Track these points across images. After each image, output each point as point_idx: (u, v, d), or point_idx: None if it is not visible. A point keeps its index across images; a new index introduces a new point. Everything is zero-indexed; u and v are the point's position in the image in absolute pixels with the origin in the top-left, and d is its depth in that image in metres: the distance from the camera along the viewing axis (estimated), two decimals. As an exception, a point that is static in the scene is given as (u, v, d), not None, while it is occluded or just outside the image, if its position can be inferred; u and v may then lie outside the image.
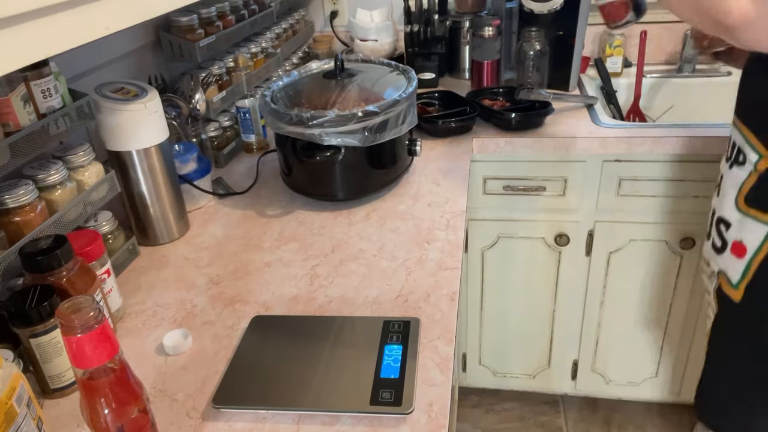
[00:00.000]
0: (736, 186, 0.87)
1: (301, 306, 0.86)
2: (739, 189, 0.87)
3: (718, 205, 0.93)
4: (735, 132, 0.90)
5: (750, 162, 0.85)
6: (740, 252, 0.86)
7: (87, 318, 0.47)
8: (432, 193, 1.15)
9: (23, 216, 0.77)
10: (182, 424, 0.68)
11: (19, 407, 0.53)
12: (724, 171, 0.93)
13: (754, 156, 0.84)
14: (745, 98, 0.89)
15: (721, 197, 0.92)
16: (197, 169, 1.14)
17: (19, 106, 0.77)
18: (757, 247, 0.84)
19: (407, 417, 0.66)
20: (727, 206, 0.89)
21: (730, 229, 0.88)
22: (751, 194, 0.85)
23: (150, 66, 1.27)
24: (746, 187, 0.85)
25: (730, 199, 0.88)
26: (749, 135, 0.85)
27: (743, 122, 0.87)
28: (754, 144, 0.84)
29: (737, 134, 0.89)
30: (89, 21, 0.56)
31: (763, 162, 0.83)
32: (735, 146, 0.89)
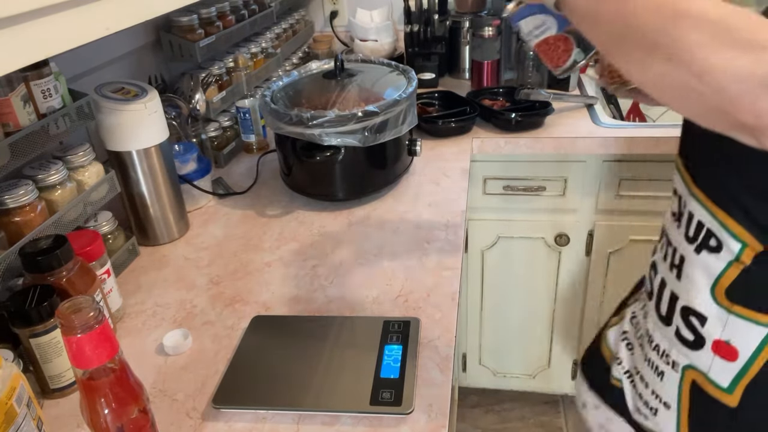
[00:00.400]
0: (709, 276, 0.71)
1: (301, 306, 0.86)
2: (716, 281, 0.70)
3: (679, 289, 0.75)
4: (699, 209, 0.71)
5: (730, 251, 0.68)
6: (730, 355, 0.71)
7: (87, 318, 0.47)
8: (432, 193, 1.15)
9: (23, 216, 0.77)
10: (182, 424, 0.68)
11: (19, 407, 0.53)
12: (682, 248, 0.75)
13: (735, 245, 0.67)
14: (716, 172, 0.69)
15: (684, 281, 0.74)
16: (197, 169, 1.14)
17: (19, 106, 0.77)
18: (753, 351, 0.69)
19: (407, 417, 0.66)
20: (698, 297, 0.72)
21: (707, 324, 0.72)
22: (736, 290, 0.69)
23: (150, 66, 1.27)
24: (727, 281, 0.69)
25: (701, 290, 0.72)
26: (728, 221, 0.68)
27: (717, 204, 0.69)
28: (736, 232, 0.67)
29: (705, 214, 0.70)
30: (89, 21, 0.56)
31: (749, 251, 0.67)
32: (702, 227, 0.71)
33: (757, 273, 0.67)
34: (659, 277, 0.81)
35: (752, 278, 0.68)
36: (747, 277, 0.68)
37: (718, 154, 0.70)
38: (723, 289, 0.70)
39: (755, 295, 0.68)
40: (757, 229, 0.66)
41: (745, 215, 0.66)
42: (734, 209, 0.67)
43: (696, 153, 0.75)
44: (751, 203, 0.66)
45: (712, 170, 0.70)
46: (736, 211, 0.67)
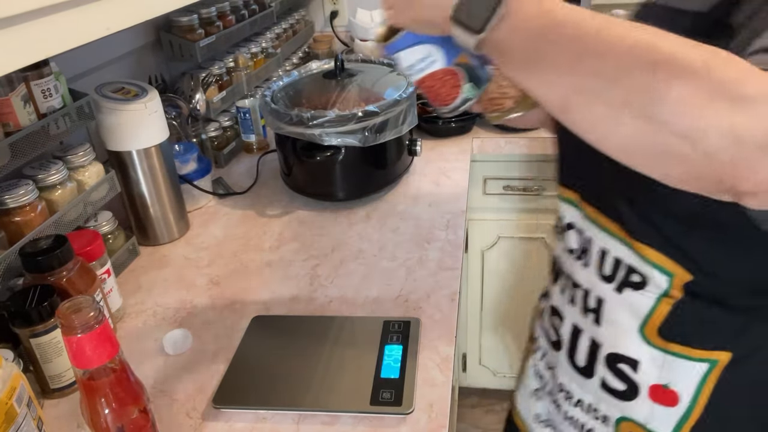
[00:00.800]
0: (637, 316, 0.63)
1: (301, 306, 0.86)
2: (646, 320, 0.63)
3: (601, 335, 0.67)
4: (614, 244, 0.63)
5: (657, 286, 0.61)
6: (670, 400, 0.64)
7: (87, 318, 0.47)
8: (432, 193, 1.15)
9: (23, 216, 0.77)
10: (182, 424, 0.68)
11: (19, 407, 0.53)
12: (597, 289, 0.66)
13: (662, 278, 0.60)
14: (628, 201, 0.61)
15: (606, 325, 0.66)
16: (197, 169, 1.14)
17: (19, 106, 0.77)
18: (694, 392, 0.62)
19: (407, 417, 0.66)
20: (626, 340, 0.65)
21: (641, 369, 0.64)
22: (670, 326, 0.62)
23: (150, 66, 1.27)
24: (658, 318, 0.62)
25: (629, 332, 0.64)
26: (650, 253, 0.60)
27: (635, 236, 0.61)
28: (661, 264, 0.59)
29: (622, 249, 0.62)
30: (89, 21, 0.56)
31: (678, 282, 0.59)
32: (620, 263, 0.63)
33: (691, 305, 0.60)
34: (569, 324, 0.71)
35: (686, 311, 0.61)
36: (680, 311, 0.61)
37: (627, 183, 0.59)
38: (655, 327, 0.63)
39: (692, 329, 0.61)
40: (684, 258, 0.58)
41: (669, 244, 0.59)
42: (656, 240, 0.59)
43: (596, 184, 0.65)
44: (676, 231, 0.58)
45: (623, 200, 0.61)
46: (658, 241, 0.59)
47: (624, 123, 0.42)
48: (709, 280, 0.58)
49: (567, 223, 0.71)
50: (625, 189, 0.61)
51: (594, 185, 0.66)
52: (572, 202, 0.70)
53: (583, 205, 0.68)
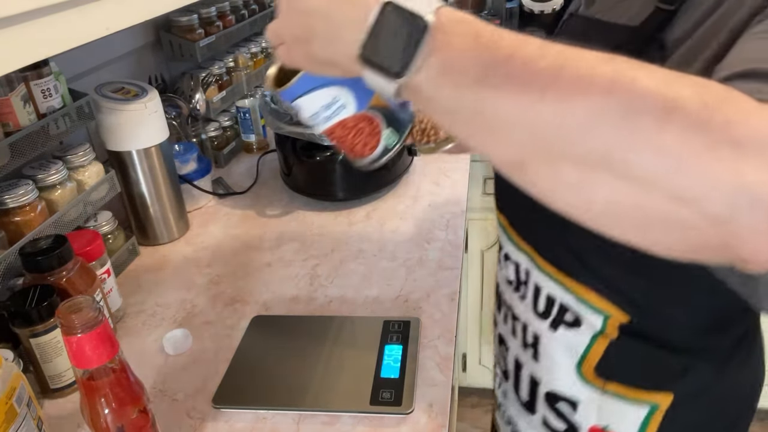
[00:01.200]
0: (573, 354, 0.60)
1: (301, 306, 0.86)
2: (582, 358, 0.59)
3: (539, 371, 0.64)
4: (548, 283, 0.60)
5: (591, 326, 0.57)
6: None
7: (87, 318, 0.47)
8: (432, 193, 1.15)
9: (23, 216, 0.77)
10: (182, 424, 0.68)
11: (19, 407, 0.53)
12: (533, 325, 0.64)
13: (597, 318, 0.56)
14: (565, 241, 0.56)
15: (543, 362, 0.63)
16: (197, 169, 1.14)
17: (19, 106, 0.77)
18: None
19: (407, 417, 0.66)
20: (563, 379, 0.61)
21: (579, 410, 0.61)
22: (607, 365, 0.58)
23: (150, 66, 1.27)
24: (594, 357, 0.58)
25: (566, 371, 0.61)
26: (587, 294, 0.56)
27: (572, 277, 0.57)
28: (596, 305, 0.56)
29: (556, 288, 0.59)
30: (89, 21, 0.56)
31: (614, 323, 0.56)
32: (554, 302, 0.60)
33: (628, 344, 0.57)
34: (512, 356, 0.69)
35: (623, 351, 0.57)
36: (617, 350, 0.57)
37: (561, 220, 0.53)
38: (591, 366, 0.59)
39: (630, 368, 0.58)
40: (621, 299, 0.55)
41: (605, 285, 0.55)
42: (590, 280, 0.55)
43: (527, 215, 0.60)
44: (613, 273, 0.53)
45: (560, 239, 0.56)
46: (596, 283, 0.55)
47: (600, 185, 0.32)
48: (647, 320, 0.55)
49: (504, 252, 0.67)
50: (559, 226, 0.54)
51: (525, 216, 0.62)
52: (508, 234, 0.66)
53: (517, 240, 0.64)
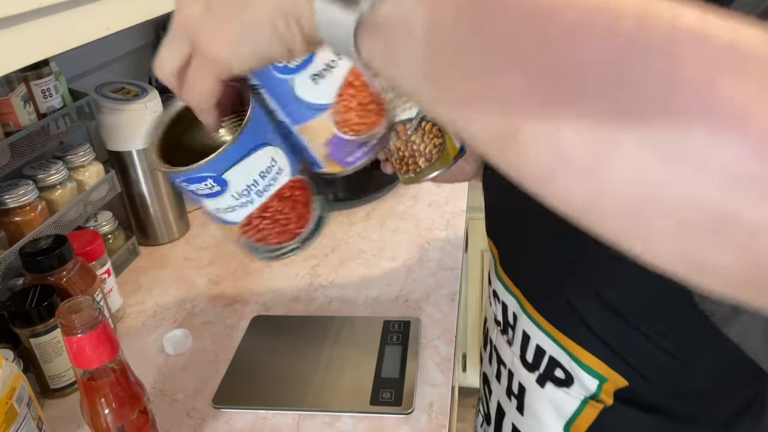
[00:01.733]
0: (561, 415, 0.55)
1: (301, 306, 0.86)
2: (570, 421, 0.54)
3: (523, 425, 0.59)
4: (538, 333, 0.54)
5: (583, 387, 0.52)
6: None
7: (87, 318, 0.47)
8: (432, 193, 1.15)
9: (23, 216, 0.77)
10: (182, 424, 0.68)
11: (19, 407, 0.53)
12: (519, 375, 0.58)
13: (591, 381, 0.51)
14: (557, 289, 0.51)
15: (528, 417, 0.58)
16: (197, 169, 1.13)
17: (19, 106, 0.77)
18: None
19: (408, 417, 0.66)
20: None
21: None
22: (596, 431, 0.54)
23: (150, 66, 1.27)
24: (583, 423, 0.54)
25: (552, 429, 0.56)
26: (580, 353, 0.51)
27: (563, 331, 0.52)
28: (591, 365, 0.51)
29: (546, 340, 0.53)
30: (89, 21, 0.56)
31: (609, 387, 0.51)
32: (544, 354, 0.54)
33: (623, 413, 0.52)
34: (495, 401, 0.63)
35: (617, 419, 0.52)
36: (610, 419, 0.52)
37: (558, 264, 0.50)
38: (579, 431, 0.54)
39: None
40: (622, 363, 0.49)
41: (606, 348, 0.49)
42: (591, 341, 0.49)
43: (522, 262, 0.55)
44: (617, 335, 0.48)
45: (554, 289, 0.50)
46: (593, 343, 0.49)
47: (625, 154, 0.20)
48: (647, 387, 0.50)
49: (493, 290, 0.62)
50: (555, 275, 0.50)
51: (516, 256, 0.57)
52: (497, 272, 0.60)
53: (506, 280, 0.57)
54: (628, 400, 0.51)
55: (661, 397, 0.51)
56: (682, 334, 0.46)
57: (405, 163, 0.60)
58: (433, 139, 0.58)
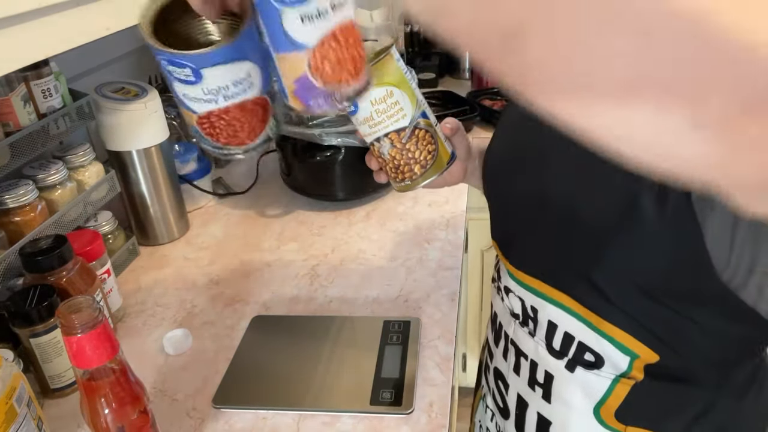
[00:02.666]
0: (591, 397, 0.56)
1: (301, 306, 0.86)
2: (601, 402, 0.56)
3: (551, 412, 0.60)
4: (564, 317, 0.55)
5: (615, 366, 0.54)
6: None
7: (87, 318, 0.47)
8: (432, 193, 1.15)
9: (23, 216, 0.77)
10: (182, 424, 0.68)
11: (19, 407, 0.53)
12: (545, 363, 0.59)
13: (623, 359, 0.53)
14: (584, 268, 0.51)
15: (556, 403, 0.59)
16: (197, 169, 1.14)
17: (19, 106, 0.77)
18: None
19: (408, 417, 0.66)
20: (579, 421, 0.58)
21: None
22: (629, 410, 0.55)
23: (150, 66, 1.27)
24: (615, 401, 0.55)
25: (583, 413, 0.57)
26: (612, 330, 0.52)
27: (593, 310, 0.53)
28: (624, 343, 0.52)
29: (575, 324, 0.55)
30: (89, 21, 0.56)
31: (640, 364, 0.53)
32: (573, 340, 0.56)
33: (652, 387, 0.54)
34: (514, 394, 0.64)
35: (647, 394, 0.54)
36: (640, 394, 0.54)
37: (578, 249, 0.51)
38: (611, 411, 0.56)
39: (654, 412, 0.55)
40: (652, 337, 0.51)
41: (632, 320, 0.51)
42: (620, 318, 0.51)
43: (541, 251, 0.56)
44: (638, 306, 0.50)
45: (579, 271, 0.52)
46: (622, 319, 0.51)
47: None
48: (675, 358, 0.52)
49: (504, 286, 0.63)
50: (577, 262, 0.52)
51: (534, 251, 0.58)
52: (505, 265, 0.62)
53: (514, 271, 0.59)
54: (657, 375, 0.53)
55: (688, 368, 0.53)
56: (706, 305, 0.48)
57: (400, 171, 0.62)
58: (426, 146, 0.61)
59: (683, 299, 0.48)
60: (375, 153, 0.63)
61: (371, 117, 0.59)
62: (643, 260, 0.48)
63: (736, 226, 0.43)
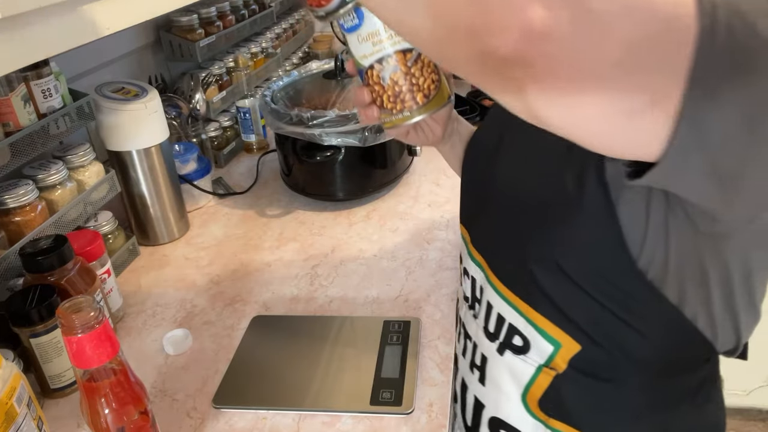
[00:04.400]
0: (518, 382, 0.56)
1: (301, 306, 0.86)
2: (526, 388, 0.56)
3: (485, 395, 0.61)
4: (498, 300, 0.56)
5: (540, 353, 0.53)
6: None
7: (87, 318, 0.47)
8: (432, 193, 1.15)
9: (23, 216, 0.77)
10: (182, 424, 0.68)
11: (19, 407, 0.53)
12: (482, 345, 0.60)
13: (547, 347, 0.52)
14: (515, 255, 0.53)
15: (489, 386, 0.60)
16: (197, 169, 1.14)
17: (19, 106, 0.77)
18: None
19: (408, 417, 0.66)
20: (507, 406, 0.58)
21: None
22: (550, 401, 0.55)
23: (150, 66, 1.27)
24: (537, 390, 0.55)
25: (511, 398, 0.57)
26: (535, 315, 0.52)
27: (520, 296, 0.53)
28: (547, 331, 0.52)
29: (506, 307, 0.55)
30: (89, 21, 0.56)
31: (564, 354, 0.52)
32: (504, 322, 0.56)
33: (574, 382, 0.53)
34: (460, 377, 0.66)
35: (568, 388, 0.53)
36: (561, 387, 0.53)
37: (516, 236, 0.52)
38: (535, 399, 0.55)
39: (573, 409, 0.54)
40: (575, 327, 0.51)
41: (558, 311, 0.51)
42: (547, 306, 0.51)
43: (486, 231, 0.58)
44: (570, 299, 0.50)
45: (515, 257, 0.53)
46: (549, 308, 0.51)
47: None
48: (601, 355, 0.51)
49: (464, 267, 0.64)
50: (514, 243, 0.53)
51: (484, 229, 0.59)
52: (467, 245, 0.63)
53: (473, 251, 0.60)
54: (581, 369, 0.52)
55: (612, 369, 0.52)
56: (627, 297, 0.47)
57: (400, 100, 0.55)
58: (431, 74, 0.55)
59: (604, 287, 0.48)
60: (372, 79, 0.55)
61: (377, 32, 0.53)
62: (565, 241, 0.48)
63: (649, 206, 0.42)
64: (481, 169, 0.61)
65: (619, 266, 0.46)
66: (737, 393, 1.74)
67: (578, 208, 0.46)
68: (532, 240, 0.51)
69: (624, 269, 0.46)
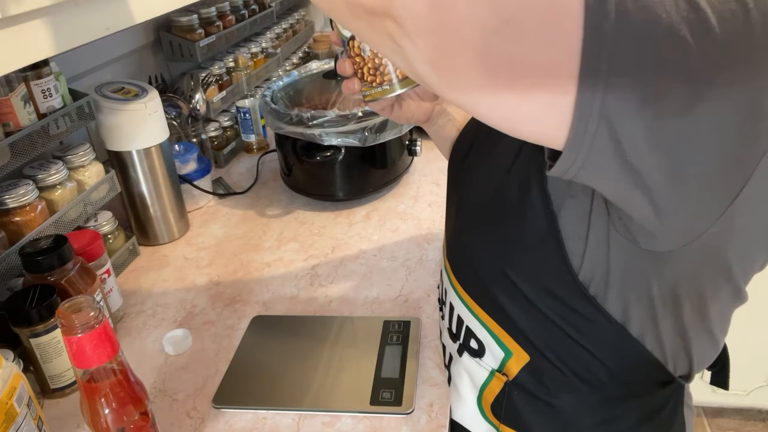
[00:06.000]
0: (474, 385, 0.57)
1: (301, 306, 0.86)
2: (481, 391, 0.56)
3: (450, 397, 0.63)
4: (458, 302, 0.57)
5: (493, 358, 0.54)
6: None
7: (87, 318, 0.47)
8: (432, 193, 1.15)
9: (23, 216, 0.77)
10: (182, 424, 0.68)
11: (19, 407, 0.53)
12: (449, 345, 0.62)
13: (499, 353, 0.53)
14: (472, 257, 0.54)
15: (452, 387, 0.61)
16: (197, 169, 1.14)
17: (19, 106, 0.77)
18: None
19: (408, 417, 0.66)
20: (463, 408, 0.58)
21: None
22: (501, 407, 0.55)
23: (150, 66, 1.27)
24: (490, 395, 0.55)
25: (467, 401, 0.58)
26: (488, 321, 0.53)
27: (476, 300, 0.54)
28: (498, 337, 0.52)
29: (463, 309, 0.56)
30: (89, 21, 0.56)
31: (514, 363, 0.52)
32: (462, 324, 0.56)
33: (525, 391, 0.53)
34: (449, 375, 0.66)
35: (519, 396, 0.53)
36: (513, 394, 0.53)
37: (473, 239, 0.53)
38: (488, 403, 0.55)
39: (523, 418, 0.53)
40: (524, 340, 0.51)
41: (510, 321, 0.51)
42: (497, 311, 0.52)
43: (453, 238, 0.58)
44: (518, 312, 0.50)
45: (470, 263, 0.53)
46: (499, 314, 0.51)
47: None
48: (550, 368, 0.51)
49: (441, 271, 0.64)
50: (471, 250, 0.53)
51: (450, 236, 0.59)
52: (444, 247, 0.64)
53: (444, 254, 0.62)
54: (533, 380, 0.52)
55: (560, 386, 0.51)
56: (573, 312, 0.47)
57: (380, 73, 0.53)
58: None
59: (552, 303, 0.47)
60: (353, 50, 0.54)
61: None
62: (512, 252, 0.48)
63: (590, 218, 0.42)
64: (454, 173, 0.61)
65: (561, 278, 0.45)
66: (737, 393, 1.74)
67: (522, 219, 0.45)
68: (488, 250, 0.51)
69: (566, 281, 0.45)
